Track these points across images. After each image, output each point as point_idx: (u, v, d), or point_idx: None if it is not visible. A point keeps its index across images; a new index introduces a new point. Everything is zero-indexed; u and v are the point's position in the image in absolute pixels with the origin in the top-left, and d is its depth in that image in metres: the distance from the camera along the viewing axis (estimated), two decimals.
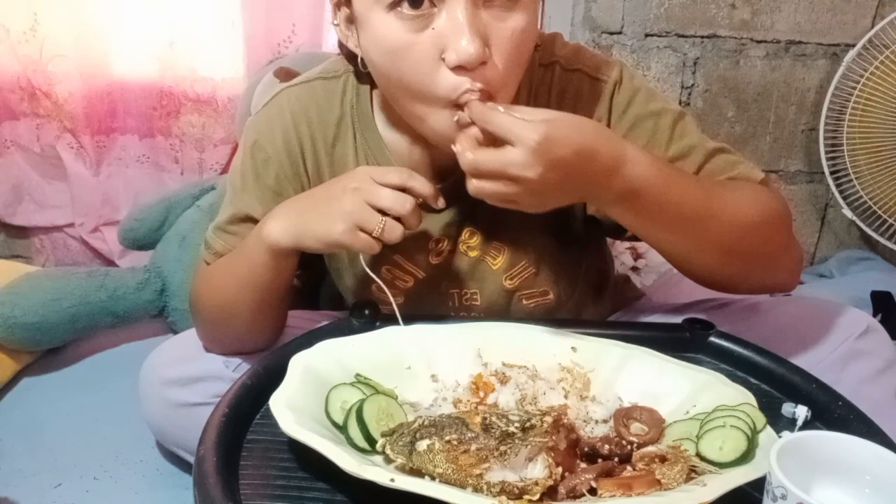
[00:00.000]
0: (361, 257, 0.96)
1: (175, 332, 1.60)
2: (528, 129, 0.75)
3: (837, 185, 1.97)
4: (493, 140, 0.78)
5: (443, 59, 0.80)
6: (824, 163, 1.95)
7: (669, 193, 0.84)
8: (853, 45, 1.88)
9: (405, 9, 0.79)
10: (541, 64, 1.00)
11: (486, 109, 0.78)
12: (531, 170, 0.76)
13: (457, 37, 0.78)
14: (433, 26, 0.79)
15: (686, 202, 0.86)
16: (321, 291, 1.29)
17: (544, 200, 0.81)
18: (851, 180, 1.93)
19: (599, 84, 0.98)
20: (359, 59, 0.91)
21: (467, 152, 0.78)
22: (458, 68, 0.79)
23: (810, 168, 2.05)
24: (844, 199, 1.97)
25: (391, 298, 0.95)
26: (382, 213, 0.86)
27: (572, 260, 1.11)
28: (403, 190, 0.87)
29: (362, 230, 0.86)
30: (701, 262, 0.95)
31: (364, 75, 0.99)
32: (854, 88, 1.87)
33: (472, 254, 1.06)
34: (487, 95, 0.82)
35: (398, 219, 0.86)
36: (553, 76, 0.99)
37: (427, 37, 0.79)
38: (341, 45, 0.97)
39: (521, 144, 0.75)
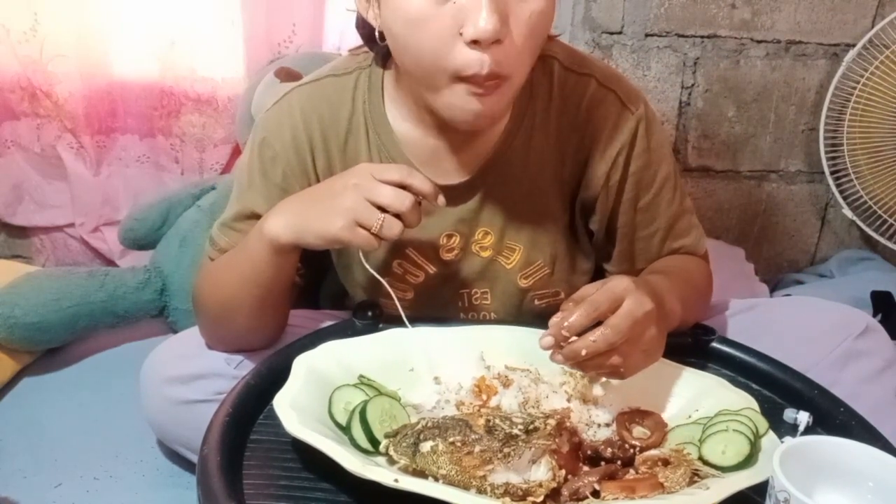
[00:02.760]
0: (361, 254, 0.96)
1: (175, 332, 1.60)
2: (619, 282, 0.80)
3: (837, 185, 1.97)
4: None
5: (461, 34, 0.80)
6: (824, 163, 1.95)
7: (676, 310, 0.92)
8: (853, 45, 1.88)
9: None
10: (574, 71, 1.01)
11: (571, 328, 0.79)
12: (648, 301, 0.79)
13: (476, 12, 0.78)
14: (454, 0, 0.79)
15: (680, 307, 0.93)
16: (322, 290, 1.29)
17: (663, 338, 0.85)
18: (851, 180, 1.93)
19: (626, 113, 1.01)
20: (377, 33, 0.91)
21: (593, 338, 0.78)
22: (474, 43, 0.80)
23: (810, 168, 2.05)
24: (844, 199, 1.97)
25: (394, 295, 0.96)
26: (382, 209, 0.86)
27: (583, 262, 1.11)
28: (404, 187, 0.87)
29: (361, 226, 0.86)
30: None
31: (378, 55, 1.00)
32: (854, 88, 1.87)
33: (485, 254, 1.06)
34: (496, 76, 0.82)
35: (398, 216, 0.87)
36: (588, 88, 1.01)
37: (447, 10, 0.80)
38: (359, 21, 0.98)
39: (627, 293, 0.79)
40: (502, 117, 0.99)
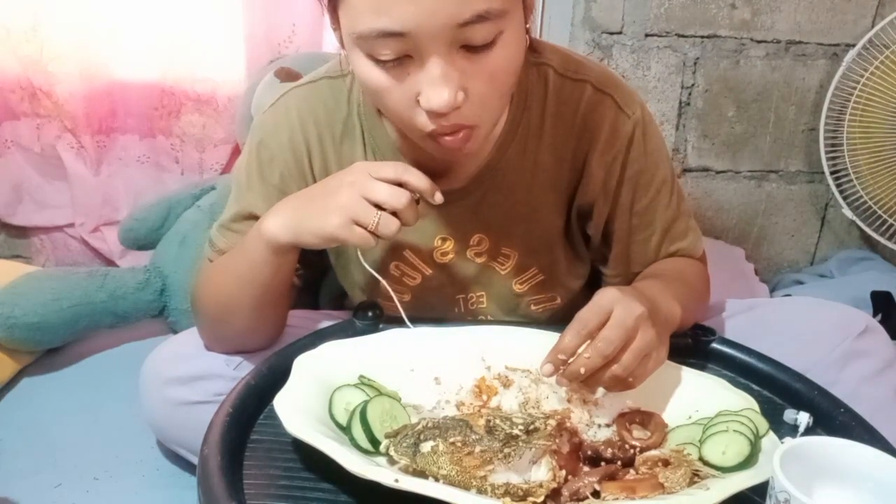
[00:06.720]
0: (359, 253, 0.96)
1: (175, 332, 1.60)
2: (605, 295, 0.80)
3: (837, 185, 1.97)
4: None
5: (418, 102, 0.80)
6: (824, 163, 1.95)
7: (674, 310, 0.91)
8: (853, 45, 1.88)
9: (383, 57, 0.79)
10: (569, 77, 1.01)
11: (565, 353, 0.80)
12: (638, 306, 0.79)
13: (429, 87, 0.78)
14: (409, 72, 0.79)
15: (679, 307, 0.92)
16: (322, 291, 1.29)
17: (664, 339, 0.84)
18: (851, 180, 1.93)
19: (623, 117, 1.01)
20: None
21: (587, 354, 0.78)
22: (431, 112, 0.80)
23: (810, 168, 2.05)
24: (844, 199, 1.97)
25: (393, 295, 0.96)
26: (379, 207, 0.86)
27: (579, 266, 1.12)
28: (400, 184, 0.87)
29: (358, 224, 0.86)
30: None
31: None
32: (854, 88, 1.87)
33: (479, 260, 1.06)
34: (461, 127, 0.83)
35: (395, 214, 0.87)
36: (583, 94, 1.00)
37: (403, 83, 0.80)
38: None
39: (614, 303, 0.79)
40: (485, 149, 1.00)
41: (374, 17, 0.75)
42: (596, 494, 0.69)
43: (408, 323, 0.94)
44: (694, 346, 0.98)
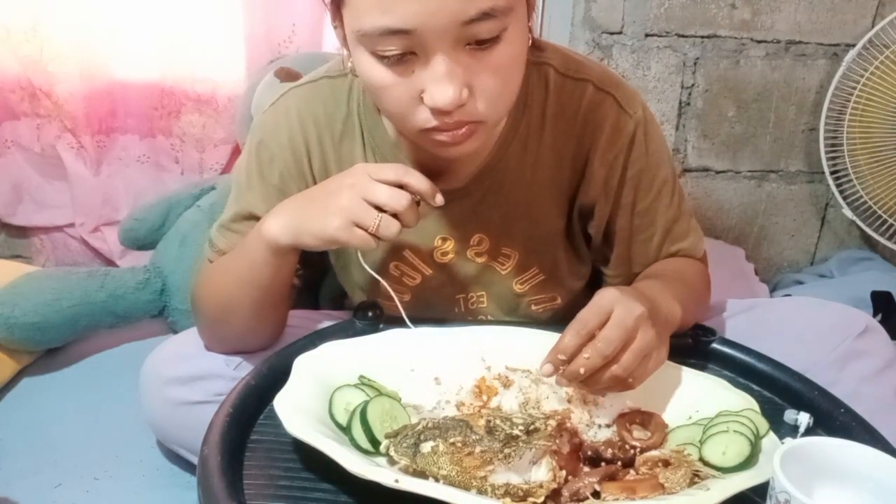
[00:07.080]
0: (360, 254, 0.96)
1: (175, 332, 1.60)
2: (605, 295, 0.80)
3: (837, 185, 1.97)
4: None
5: (422, 99, 0.80)
6: (824, 163, 1.95)
7: (675, 310, 0.91)
8: (853, 45, 1.88)
9: (387, 54, 0.79)
10: (570, 76, 1.01)
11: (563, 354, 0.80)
12: (637, 306, 0.79)
13: (434, 85, 0.78)
14: (413, 70, 0.79)
15: (679, 307, 0.92)
16: (322, 291, 1.29)
17: (664, 339, 0.84)
18: (851, 180, 1.93)
19: (624, 117, 1.00)
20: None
21: (587, 355, 0.78)
22: (436, 110, 0.80)
23: (810, 168, 2.05)
24: (844, 199, 1.97)
25: (394, 295, 0.96)
26: (379, 209, 0.86)
27: (580, 266, 1.12)
28: (401, 186, 0.87)
29: (358, 226, 0.86)
30: None
31: None
32: (854, 88, 1.87)
33: (480, 260, 1.06)
34: (465, 123, 0.83)
35: (396, 215, 0.87)
36: (585, 93, 1.00)
37: (407, 80, 0.80)
38: None
39: (614, 303, 0.79)
40: (486, 148, 0.99)
41: (379, 14, 0.75)
42: (596, 495, 0.69)
43: (408, 323, 0.94)
44: (694, 346, 0.98)
